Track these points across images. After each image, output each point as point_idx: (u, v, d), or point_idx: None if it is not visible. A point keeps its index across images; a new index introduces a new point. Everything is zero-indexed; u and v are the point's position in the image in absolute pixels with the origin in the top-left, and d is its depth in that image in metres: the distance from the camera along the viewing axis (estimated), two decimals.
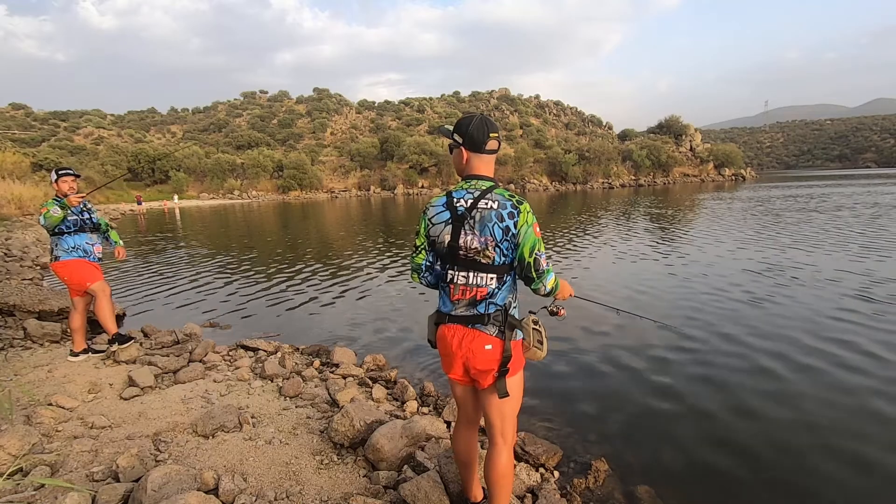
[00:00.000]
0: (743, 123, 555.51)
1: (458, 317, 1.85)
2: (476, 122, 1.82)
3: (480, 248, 1.78)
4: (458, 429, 2.09)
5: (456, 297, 1.85)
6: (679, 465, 2.89)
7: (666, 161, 60.24)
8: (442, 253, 1.88)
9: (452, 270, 1.86)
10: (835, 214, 16.07)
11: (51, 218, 3.91)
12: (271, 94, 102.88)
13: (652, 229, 14.69)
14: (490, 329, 1.81)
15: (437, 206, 1.88)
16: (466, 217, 1.79)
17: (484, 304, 1.82)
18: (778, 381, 3.91)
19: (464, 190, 1.85)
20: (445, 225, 1.84)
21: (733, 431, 3.23)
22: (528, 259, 1.77)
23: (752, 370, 4.13)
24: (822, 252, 9.32)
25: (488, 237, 1.77)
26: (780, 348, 4.56)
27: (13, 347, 4.48)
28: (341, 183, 59.32)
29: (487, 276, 1.80)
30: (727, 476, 2.78)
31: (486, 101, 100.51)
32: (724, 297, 6.41)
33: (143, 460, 2.50)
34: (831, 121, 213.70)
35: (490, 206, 1.77)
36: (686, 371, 4.17)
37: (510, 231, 1.75)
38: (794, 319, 5.36)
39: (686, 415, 3.46)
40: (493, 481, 1.93)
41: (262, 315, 6.39)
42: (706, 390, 3.81)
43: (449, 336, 1.87)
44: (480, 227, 1.77)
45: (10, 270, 8.50)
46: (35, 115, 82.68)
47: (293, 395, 3.58)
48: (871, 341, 4.62)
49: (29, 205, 18.76)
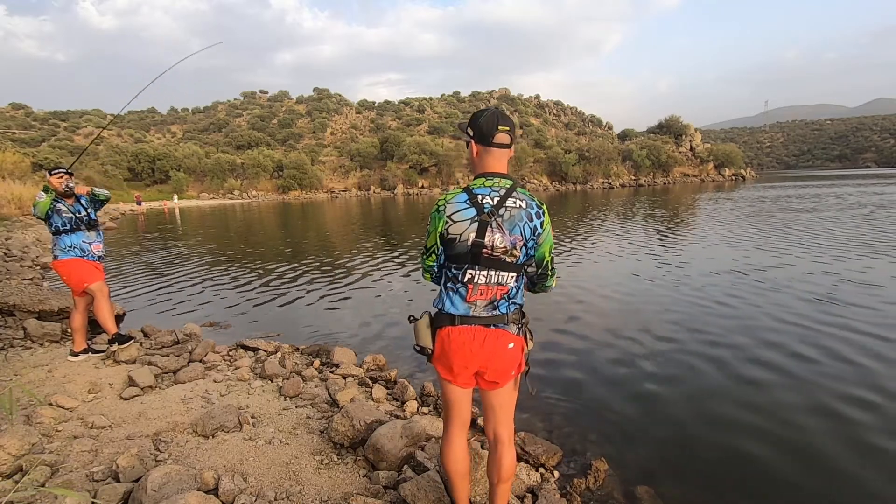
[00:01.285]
0: (743, 123, 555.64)
1: (476, 318, 1.81)
2: (487, 114, 1.78)
3: (509, 247, 1.76)
4: (454, 436, 1.96)
5: (474, 297, 1.80)
6: (679, 465, 2.89)
7: (666, 161, 60.25)
8: (462, 252, 1.78)
9: (473, 270, 1.78)
10: (820, 215, 16.08)
11: (38, 204, 3.90)
12: (271, 94, 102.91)
13: (642, 230, 14.69)
14: (511, 328, 1.82)
15: (457, 202, 1.78)
16: (494, 215, 1.75)
17: (505, 304, 1.82)
18: (778, 381, 3.91)
19: (487, 187, 1.79)
20: (471, 223, 1.76)
21: (733, 431, 3.22)
22: (548, 258, 1.84)
23: (753, 370, 4.12)
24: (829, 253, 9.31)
25: (517, 236, 1.76)
26: (780, 349, 4.56)
27: (13, 347, 4.47)
28: (341, 183, 59.32)
29: (509, 274, 1.80)
30: (727, 476, 2.78)
31: (486, 101, 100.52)
32: (725, 296, 6.41)
33: (143, 460, 2.50)
34: (831, 121, 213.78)
35: (519, 206, 1.76)
36: (687, 371, 4.17)
37: (537, 231, 1.78)
38: (794, 320, 5.37)
39: (686, 415, 3.46)
40: (502, 480, 1.92)
41: (262, 315, 6.39)
42: (707, 390, 3.81)
43: (467, 339, 1.80)
44: (510, 226, 1.75)
45: (10, 270, 8.50)
46: (35, 115, 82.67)
47: (293, 395, 3.58)
48: None
49: (29, 205, 18.75)
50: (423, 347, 1.90)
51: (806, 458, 2.91)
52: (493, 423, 1.94)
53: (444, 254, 1.85)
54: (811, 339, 4.78)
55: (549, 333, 5.20)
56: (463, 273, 1.80)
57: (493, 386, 1.88)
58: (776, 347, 4.59)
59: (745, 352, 4.51)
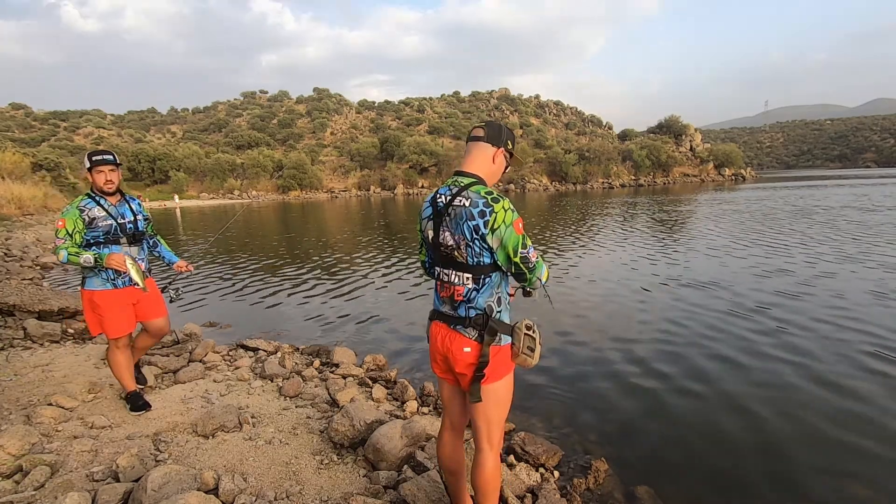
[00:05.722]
0: (743, 123, 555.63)
1: (444, 315, 1.86)
2: (484, 119, 1.80)
3: (454, 245, 1.77)
4: (442, 434, 2.03)
5: (442, 294, 1.87)
6: (679, 465, 2.89)
7: (666, 161, 60.19)
8: (430, 249, 1.91)
9: (438, 267, 1.88)
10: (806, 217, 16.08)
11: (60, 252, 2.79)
12: (271, 94, 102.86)
13: (642, 231, 14.69)
14: (470, 332, 1.79)
15: (426, 202, 1.89)
16: (444, 213, 1.79)
17: (463, 307, 1.79)
18: (778, 382, 3.91)
19: (446, 186, 1.84)
20: (428, 221, 1.86)
21: (734, 431, 3.23)
22: (515, 259, 1.73)
23: (753, 371, 4.12)
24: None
25: (460, 235, 1.74)
26: (781, 350, 4.56)
27: (13, 347, 4.47)
28: (341, 183, 59.31)
29: (464, 275, 1.78)
30: (727, 476, 2.79)
31: (487, 101, 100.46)
32: (727, 297, 6.41)
33: (143, 460, 2.50)
34: (831, 121, 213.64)
35: (462, 204, 1.74)
36: (687, 371, 4.17)
37: (480, 230, 1.69)
38: (792, 323, 5.37)
39: (686, 415, 3.46)
40: (480, 487, 1.89)
41: (262, 315, 6.39)
42: (707, 390, 3.81)
43: (434, 333, 1.90)
44: (454, 225, 1.76)
45: (10, 270, 8.50)
46: (35, 115, 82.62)
47: (293, 395, 3.58)
48: None
49: (29, 205, 18.75)
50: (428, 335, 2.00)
51: (807, 458, 2.91)
52: (472, 429, 1.92)
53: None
54: (820, 339, 4.78)
55: (548, 334, 5.19)
56: (435, 269, 1.92)
57: (463, 386, 1.89)
58: (776, 347, 4.59)
59: (745, 352, 4.51)
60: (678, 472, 2.84)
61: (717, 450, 3.03)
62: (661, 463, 2.92)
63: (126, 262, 2.84)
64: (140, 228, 3.12)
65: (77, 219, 2.85)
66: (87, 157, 2.93)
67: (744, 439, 3.12)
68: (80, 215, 2.86)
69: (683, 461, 2.93)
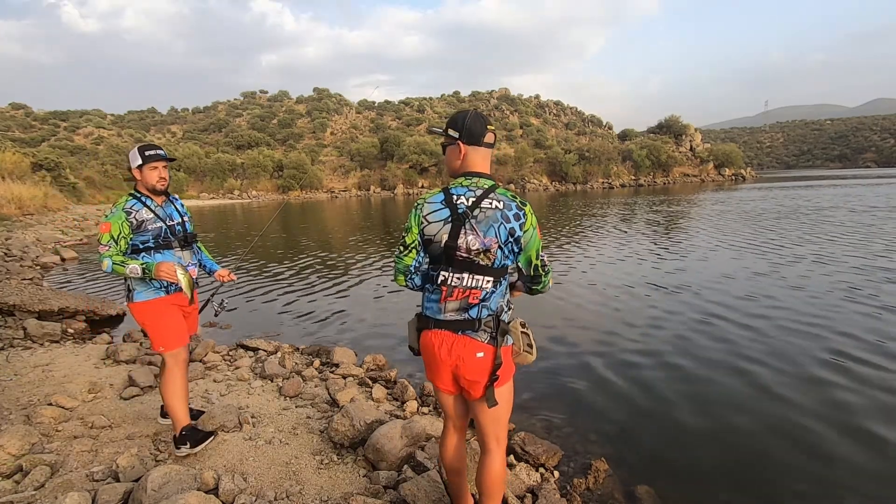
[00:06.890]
0: (743, 123, 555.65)
1: (446, 322, 1.76)
2: (472, 115, 1.76)
3: (482, 248, 1.70)
4: (447, 435, 2.00)
5: (447, 299, 1.76)
6: (679, 465, 2.89)
7: (666, 161, 60.18)
8: (436, 253, 1.78)
9: (446, 272, 1.76)
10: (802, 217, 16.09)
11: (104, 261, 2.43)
12: (271, 94, 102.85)
13: (643, 232, 14.69)
14: (482, 336, 1.74)
15: (433, 202, 1.78)
16: (468, 216, 1.71)
17: (477, 309, 1.74)
18: (779, 382, 3.90)
19: (464, 187, 1.75)
20: (444, 224, 1.74)
21: (734, 431, 3.22)
22: (536, 261, 1.77)
23: (753, 370, 4.12)
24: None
25: (492, 238, 1.69)
26: (780, 350, 4.56)
27: (13, 347, 4.47)
28: (341, 183, 59.33)
29: (484, 278, 1.73)
30: (727, 476, 2.78)
31: (487, 100, 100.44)
32: (728, 297, 6.41)
33: (143, 460, 2.50)
34: (831, 121, 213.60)
35: (495, 206, 1.70)
36: (687, 372, 4.17)
37: (515, 233, 1.70)
38: (798, 324, 5.37)
39: (686, 415, 3.46)
40: (486, 487, 1.88)
41: (262, 315, 6.39)
42: (706, 390, 3.81)
43: (437, 343, 1.78)
44: (485, 228, 1.69)
45: (10, 270, 8.50)
46: (35, 115, 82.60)
47: (293, 394, 3.58)
48: None
49: (29, 205, 18.74)
50: (411, 347, 1.92)
51: (807, 458, 2.91)
52: (479, 431, 1.90)
53: (423, 254, 1.84)
54: (818, 339, 4.78)
55: (549, 334, 5.19)
56: (437, 275, 1.78)
57: (469, 395, 1.83)
58: (777, 347, 4.59)
59: (745, 352, 4.51)
60: (678, 472, 2.84)
61: (717, 450, 3.03)
62: (661, 463, 2.92)
63: (177, 272, 2.49)
64: (189, 230, 2.84)
65: (123, 222, 2.48)
66: (137, 151, 2.55)
67: (744, 440, 3.12)
68: (127, 218, 2.50)
69: (683, 461, 2.93)
